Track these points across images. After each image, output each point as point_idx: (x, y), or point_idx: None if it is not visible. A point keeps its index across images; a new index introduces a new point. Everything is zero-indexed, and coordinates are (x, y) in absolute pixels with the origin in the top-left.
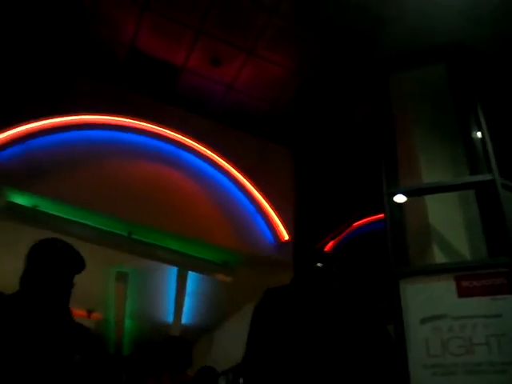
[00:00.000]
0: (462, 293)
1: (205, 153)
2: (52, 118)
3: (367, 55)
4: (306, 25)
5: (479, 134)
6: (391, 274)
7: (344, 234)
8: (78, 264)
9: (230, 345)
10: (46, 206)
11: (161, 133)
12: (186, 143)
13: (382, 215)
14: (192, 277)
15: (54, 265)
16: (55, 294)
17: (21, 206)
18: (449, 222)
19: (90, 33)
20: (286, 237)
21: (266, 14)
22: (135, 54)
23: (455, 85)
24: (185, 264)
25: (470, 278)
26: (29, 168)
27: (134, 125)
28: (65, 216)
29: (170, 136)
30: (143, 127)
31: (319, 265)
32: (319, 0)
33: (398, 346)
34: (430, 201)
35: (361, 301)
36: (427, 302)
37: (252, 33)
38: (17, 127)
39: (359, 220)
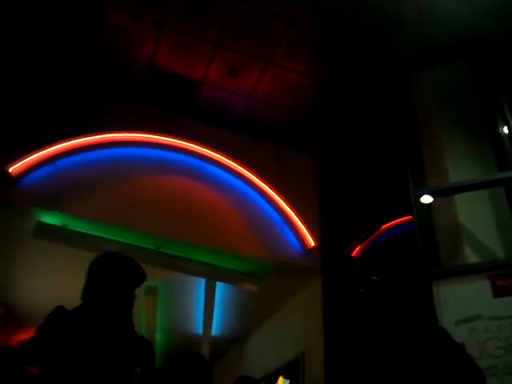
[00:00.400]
0: (498, 292)
1: (228, 164)
2: (79, 138)
3: (386, 57)
4: (323, 31)
5: (506, 130)
6: (423, 276)
7: (372, 238)
8: (139, 276)
9: (261, 355)
10: (75, 225)
11: (185, 147)
12: (210, 156)
13: (409, 217)
14: (220, 287)
15: (116, 278)
16: (118, 307)
17: (50, 225)
18: (479, 220)
19: (111, 54)
20: (313, 243)
21: (282, 23)
22: (156, 72)
23: (478, 80)
24: (213, 275)
25: (504, 276)
26: (57, 188)
27: (158, 140)
28: (93, 233)
29: (194, 149)
30: (168, 142)
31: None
32: (334, 6)
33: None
34: (460, 200)
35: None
36: (461, 303)
37: (269, 42)
38: (45, 149)
39: (387, 223)
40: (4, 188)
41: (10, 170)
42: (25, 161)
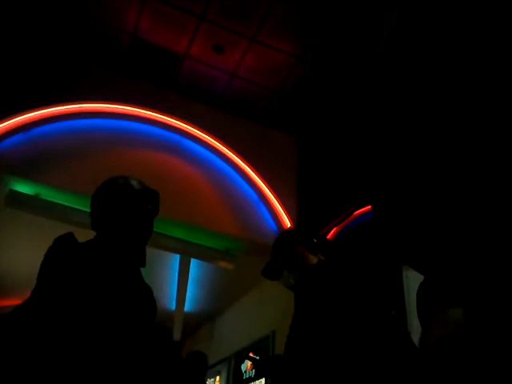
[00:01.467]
0: None
1: (208, 141)
2: (55, 107)
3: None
4: (309, 10)
5: None
6: (393, 262)
7: (347, 222)
8: (157, 207)
9: (232, 332)
10: (49, 194)
11: (164, 121)
12: (189, 131)
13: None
14: (194, 264)
15: (138, 208)
16: (141, 243)
17: (23, 194)
18: None
19: (94, 22)
20: (289, 224)
21: (268, 0)
22: (138, 43)
23: None
24: (187, 251)
25: None
26: (31, 156)
27: (137, 113)
28: (66, 204)
29: (173, 124)
30: (146, 115)
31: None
32: None
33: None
34: None
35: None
36: None
37: (255, 19)
38: (20, 115)
39: (362, 208)
40: None
41: None
42: None
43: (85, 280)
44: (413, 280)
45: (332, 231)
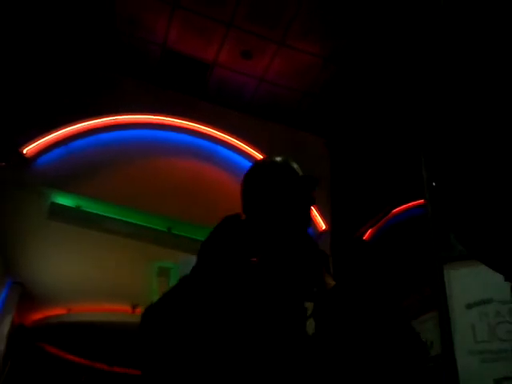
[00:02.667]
0: None
1: (239, 146)
2: (91, 120)
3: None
4: (335, 10)
5: None
6: (434, 260)
7: (383, 222)
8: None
9: None
10: (89, 206)
11: (196, 129)
12: (221, 137)
13: (421, 201)
14: None
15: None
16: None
17: (64, 206)
18: None
19: (124, 35)
20: (324, 226)
21: (294, 3)
22: (168, 53)
23: None
24: None
25: None
26: (71, 169)
27: (170, 122)
28: (107, 214)
29: (206, 131)
30: (179, 124)
31: None
32: None
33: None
34: None
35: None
36: (473, 286)
37: (281, 23)
38: (59, 130)
39: (398, 207)
40: (18, 169)
41: (25, 151)
42: (39, 142)
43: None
44: (454, 278)
45: (368, 232)
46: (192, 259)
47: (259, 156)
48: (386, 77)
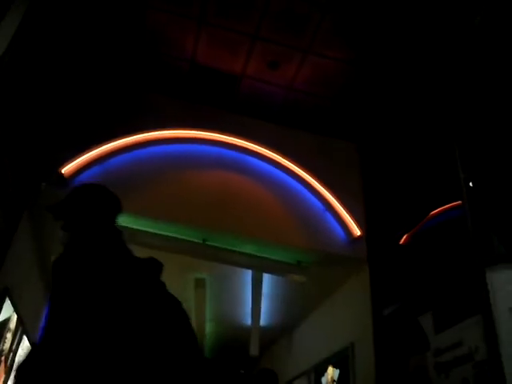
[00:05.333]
0: None
1: (270, 156)
2: (125, 138)
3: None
4: (360, 14)
5: None
6: (476, 263)
7: (420, 225)
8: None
9: (310, 345)
10: (125, 221)
11: (227, 141)
12: (252, 148)
13: (458, 202)
14: (267, 278)
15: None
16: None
17: None
18: None
19: (154, 53)
20: (358, 232)
21: (318, 11)
22: (197, 68)
23: None
24: (259, 266)
25: None
26: (108, 186)
27: (200, 136)
28: (143, 228)
29: (237, 143)
30: (210, 137)
31: None
32: None
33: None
34: None
35: None
36: None
37: (307, 31)
38: (94, 149)
39: (435, 209)
40: (57, 189)
41: (63, 171)
42: (76, 161)
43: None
44: (497, 281)
45: (404, 236)
46: (227, 270)
47: (289, 165)
48: (415, 78)
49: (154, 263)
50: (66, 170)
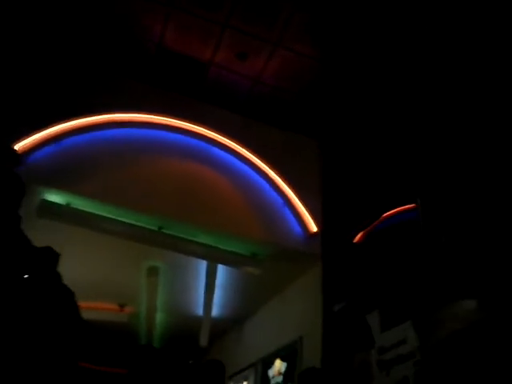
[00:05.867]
0: None
1: (233, 147)
2: (84, 118)
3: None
4: (331, 13)
5: None
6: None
7: (374, 225)
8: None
9: (259, 337)
10: (79, 203)
11: (191, 129)
12: (215, 138)
13: (413, 205)
14: (222, 270)
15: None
16: None
17: (54, 203)
18: None
19: (120, 33)
20: (315, 229)
21: (290, 5)
22: (164, 52)
23: None
24: (214, 257)
25: None
26: (62, 167)
27: (163, 122)
28: (97, 212)
29: (199, 131)
30: (173, 124)
31: None
32: None
33: None
34: None
35: None
36: None
37: (278, 24)
38: (50, 127)
39: (389, 210)
40: (10, 165)
41: (17, 148)
42: (31, 139)
43: None
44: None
45: (359, 235)
46: (181, 259)
47: (251, 157)
48: (381, 80)
49: (50, 253)
50: (20, 146)
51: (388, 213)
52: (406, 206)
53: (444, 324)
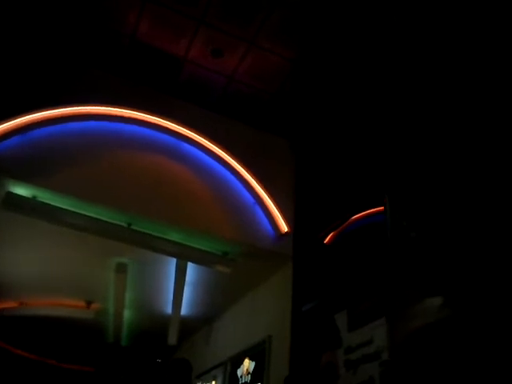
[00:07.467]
0: None
1: (205, 144)
2: (53, 109)
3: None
4: (306, 15)
5: None
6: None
7: (343, 227)
8: None
9: (228, 336)
10: (46, 197)
11: (162, 124)
12: (187, 134)
13: (381, 208)
14: (191, 268)
15: None
16: None
17: (20, 196)
18: None
19: (93, 23)
20: (286, 229)
21: (268, 5)
22: (138, 46)
23: None
24: (184, 255)
25: None
26: (29, 159)
27: (134, 116)
28: (64, 207)
29: (171, 127)
30: (144, 118)
31: None
32: None
33: None
34: None
35: None
36: None
37: (254, 23)
38: (18, 117)
39: (360, 212)
40: None
41: None
42: None
43: None
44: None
45: (329, 235)
46: (150, 256)
47: (223, 155)
48: (353, 82)
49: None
50: None
51: (358, 215)
52: (376, 209)
53: (411, 320)
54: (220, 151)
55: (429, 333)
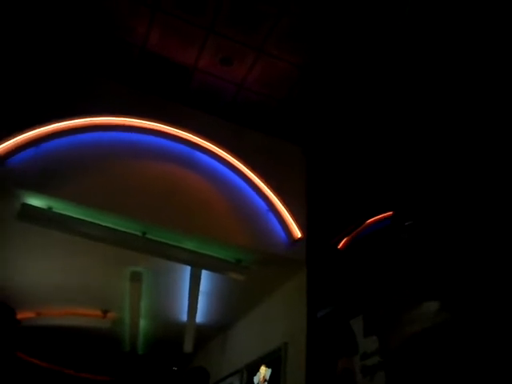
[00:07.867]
0: None
1: (217, 152)
2: (66, 121)
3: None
4: (315, 21)
5: None
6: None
7: (359, 230)
8: None
9: (244, 344)
10: (61, 208)
11: (175, 133)
12: (199, 143)
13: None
14: (206, 275)
15: None
16: None
17: (36, 207)
18: None
19: (102, 35)
20: (299, 234)
21: (276, 12)
22: (148, 56)
23: None
24: (198, 263)
25: None
26: (43, 170)
27: (147, 126)
28: (79, 217)
29: (184, 136)
30: (156, 128)
31: None
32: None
33: None
34: None
35: None
36: None
37: (262, 31)
38: (31, 130)
39: (374, 216)
40: None
41: None
42: (11, 141)
43: None
44: None
45: (343, 241)
46: (164, 264)
47: (236, 162)
48: (365, 87)
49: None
50: (0, 148)
51: (372, 219)
52: (389, 213)
53: (407, 326)
54: (232, 159)
55: (426, 338)
